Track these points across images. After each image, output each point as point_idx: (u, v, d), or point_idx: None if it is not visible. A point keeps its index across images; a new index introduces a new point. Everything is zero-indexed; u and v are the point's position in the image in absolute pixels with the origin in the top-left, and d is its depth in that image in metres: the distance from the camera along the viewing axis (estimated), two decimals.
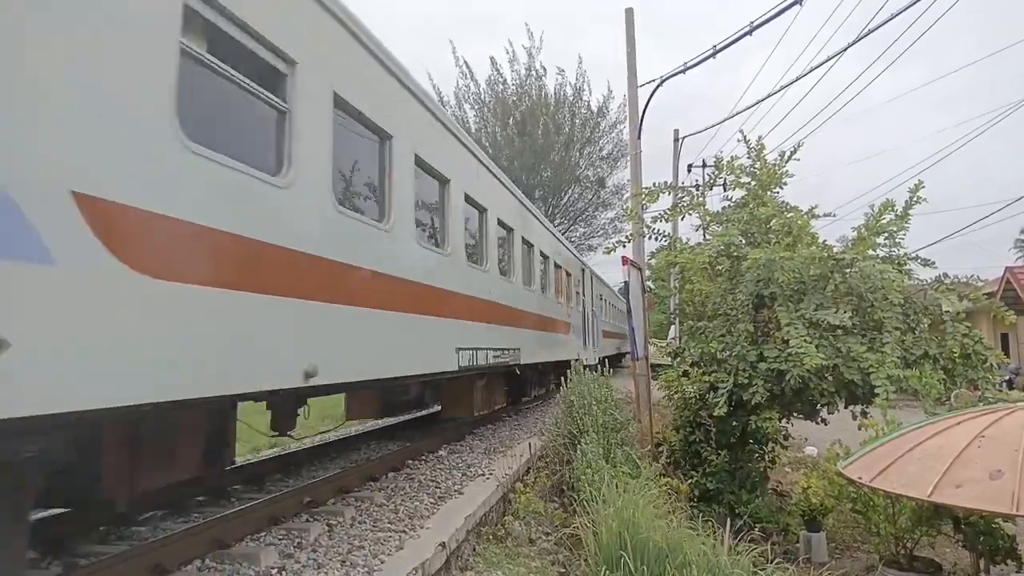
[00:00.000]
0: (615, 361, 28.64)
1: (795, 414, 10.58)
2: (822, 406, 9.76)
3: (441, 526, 5.62)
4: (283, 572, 4.49)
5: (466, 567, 5.59)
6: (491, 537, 6.33)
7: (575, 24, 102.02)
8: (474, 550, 5.97)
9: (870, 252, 9.75)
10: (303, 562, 4.69)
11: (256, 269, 4.44)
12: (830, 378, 9.22)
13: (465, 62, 33.98)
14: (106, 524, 5.32)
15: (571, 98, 34.08)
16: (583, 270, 20.53)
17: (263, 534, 5.27)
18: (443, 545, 5.13)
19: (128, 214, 3.40)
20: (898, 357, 8.56)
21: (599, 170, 36.00)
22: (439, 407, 11.91)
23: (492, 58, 33.61)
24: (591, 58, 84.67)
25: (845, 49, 13.68)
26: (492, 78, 33.49)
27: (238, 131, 4.68)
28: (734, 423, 10.37)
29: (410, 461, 8.44)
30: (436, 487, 7.14)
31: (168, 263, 3.66)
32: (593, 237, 38.02)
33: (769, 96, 20.85)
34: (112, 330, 3.29)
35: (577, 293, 19.00)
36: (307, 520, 5.74)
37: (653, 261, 15.71)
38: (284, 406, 6.28)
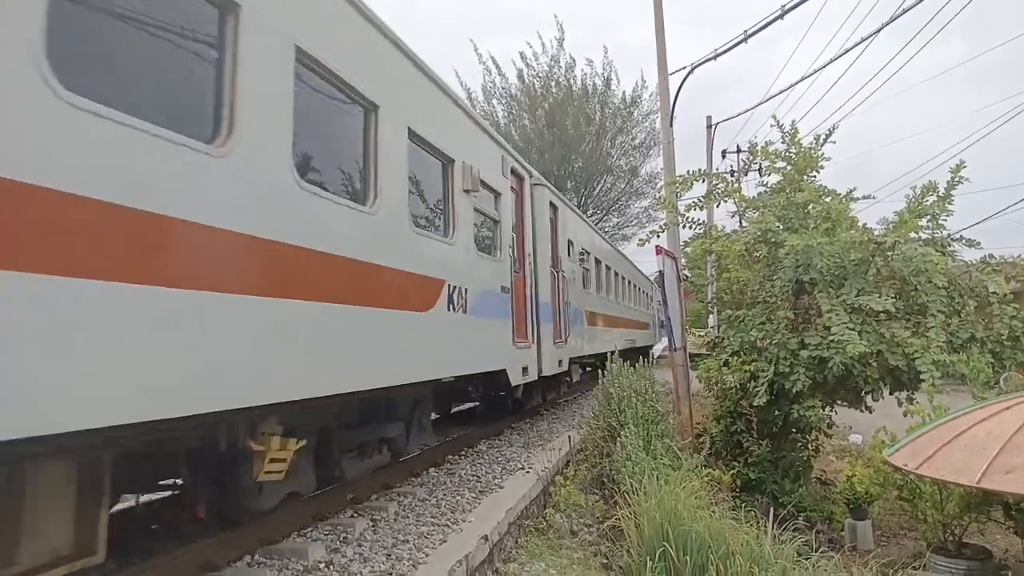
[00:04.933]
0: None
1: (838, 402, 10.43)
2: (866, 393, 9.59)
3: (483, 519, 5.66)
4: (331, 566, 4.57)
5: (509, 559, 5.64)
6: (533, 530, 6.37)
7: (608, 16, 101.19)
8: (516, 542, 6.01)
9: (912, 235, 9.56)
10: (349, 556, 4.77)
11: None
12: (874, 364, 9.07)
13: (492, 57, 33.94)
14: (158, 522, 5.48)
15: (600, 89, 33.81)
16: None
17: (310, 529, 5.37)
18: (485, 538, 5.17)
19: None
20: (944, 341, 8.39)
21: (631, 159, 35.67)
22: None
23: (521, 53, 33.28)
24: (625, 48, 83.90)
25: (880, 29, 13.42)
26: (520, 72, 33.36)
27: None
28: (776, 412, 10.26)
29: (450, 456, 8.51)
30: (476, 481, 7.19)
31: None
32: (627, 227, 37.75)
33: (803, 79, 20.54)
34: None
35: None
36: (352, 516, 5.82)
37: (688, 249, 15.60)
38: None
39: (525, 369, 9.19)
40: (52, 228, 2.64)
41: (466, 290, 6.95)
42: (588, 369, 17.92)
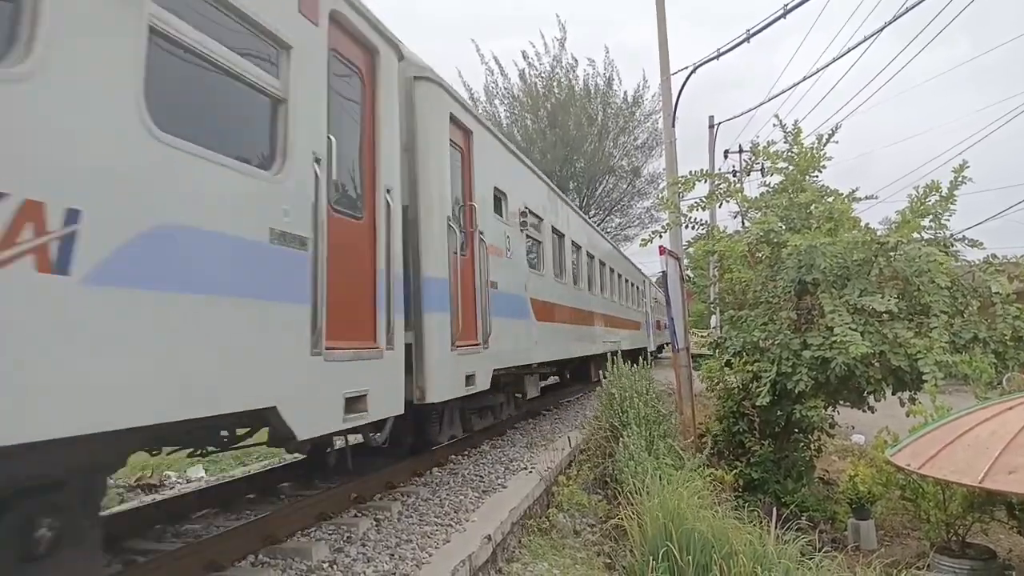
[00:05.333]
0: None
1: (841, 402, 10.42)
2: (869, 393, 9.59)
3: (486, 519, 5.67)
4: (334, 566, 4.58)
5: (512, 559, 5.65)
6: (536, 529, 6.38)
7: (608, 16, 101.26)
8: (519, 542, 6.02)
9: (914, 235, 9.55)
10: (353, 556, 4.78)
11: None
12: (877, 364, 9.06)
13: (495, 57, 33.98)
14: (162, 522, 5.49)
15: (602, 89, 33.83)
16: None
17: (313, 529, 5.39)
18: (489, 538, 5.18)
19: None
20: (946, 342, 8.38)
21: (634, 159, 35.72)
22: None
23: (523, 53, 33.30)
24: (625, 48, 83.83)
25: (883, 28, 13.41)
26: (521, 72, 33.38)
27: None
28: (778, 412, 10.26)
29: (453, 456, 8.52)
30: (480, 481, 7.20)
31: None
32: (629, 227, 37.82)
33: (805, 79, 20.56)
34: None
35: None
36: (355, 515, 5.84)
37: (691, 250, 15.57)
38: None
39: (354, 401, 4.91)
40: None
41: (78, 215, 2.79)
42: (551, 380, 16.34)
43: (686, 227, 12.27)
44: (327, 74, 4.83)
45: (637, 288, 24.80)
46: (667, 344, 35.63)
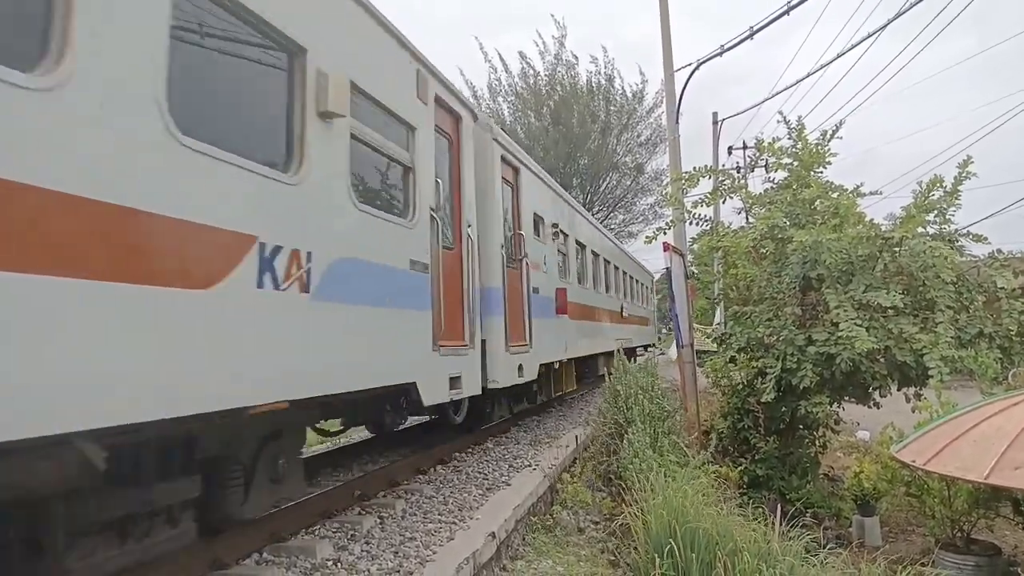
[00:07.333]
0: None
1: (846, 398, 10.40)
2: (874, 389, 9.56)
3: (490, 517, 5.68)
4: (338, 564, 4.59)
5: (516, 556, 5.65)
6: (540, 527, 6.38)
7: (609, 14, 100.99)
8: (523, 540, 6.02)
9: (919, 230, 9.52)
10: (357, 554, 4.79)
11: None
12: (882, 360, 9.03)
13: (499, 54, 33.91)
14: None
15: (605, 86, 33.72)
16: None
17: (317, 527, 5.39)
18: (493, 535, 5.19)
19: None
20: (952, 337, 8.35)
21: (637, 156, 35.55)
22: None
23: (520, 53, 33.20)
24: (626, 46, 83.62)
25: (886, 24, 13.35)
26: (523, 70, 33.29)
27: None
28: (783, 408, 10.22)
29: (457, 454, 8.53)
30: (483, 479, 7.21)
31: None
32: (633, 223, 37.70)
33: (809, 75, 20.48)
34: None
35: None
36: (359, 513, 5.84)
37: (695, 246, 15.52)
38: None
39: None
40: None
41: None
42: None
43: (690, 223, 12.25)
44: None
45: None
46: (649, 347, 29.96)
